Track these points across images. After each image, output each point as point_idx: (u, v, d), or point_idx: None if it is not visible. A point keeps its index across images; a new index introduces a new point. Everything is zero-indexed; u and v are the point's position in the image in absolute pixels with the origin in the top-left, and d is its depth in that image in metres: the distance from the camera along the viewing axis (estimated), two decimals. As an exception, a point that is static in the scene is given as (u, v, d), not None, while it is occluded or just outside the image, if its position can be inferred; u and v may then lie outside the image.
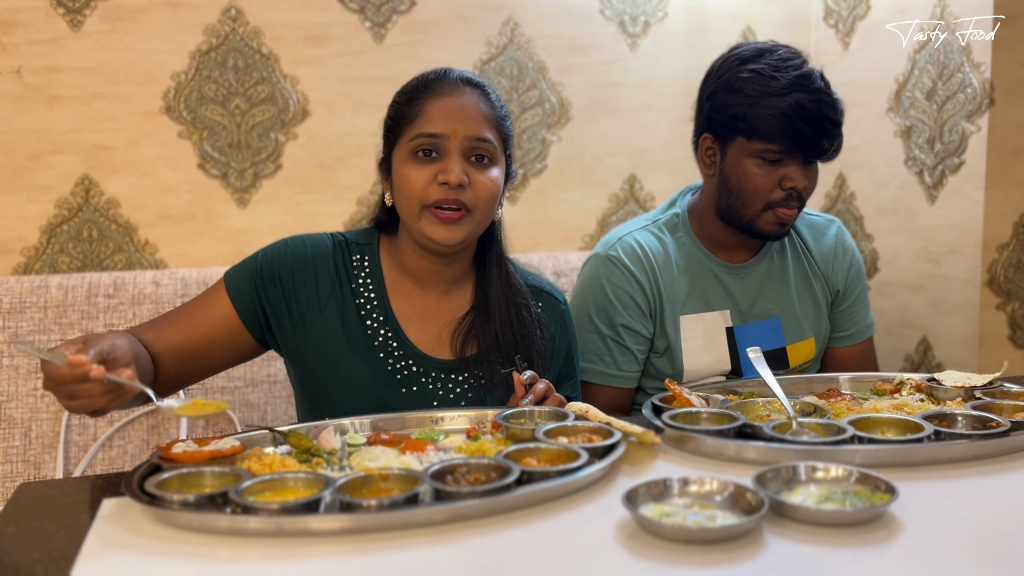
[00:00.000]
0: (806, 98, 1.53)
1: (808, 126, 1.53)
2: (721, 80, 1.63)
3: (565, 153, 2.43)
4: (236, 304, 1.35)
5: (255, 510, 0.87)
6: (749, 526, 0.84)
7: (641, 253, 1.67)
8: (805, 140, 1.55)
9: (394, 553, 0.84)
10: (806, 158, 1.58)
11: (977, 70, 2.04)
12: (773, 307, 1.71)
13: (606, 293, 1.66)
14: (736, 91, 1.59)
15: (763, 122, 1.55)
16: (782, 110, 1.53)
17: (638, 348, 1.66)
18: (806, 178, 1.59)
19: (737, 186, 1.61)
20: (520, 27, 2.34)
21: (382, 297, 1.40)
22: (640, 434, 1.10)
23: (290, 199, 2.22)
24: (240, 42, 2.14)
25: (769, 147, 1.56)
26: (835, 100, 1.57)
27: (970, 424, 1.13)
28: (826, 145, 1.57)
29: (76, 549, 0.86)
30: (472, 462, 0.98)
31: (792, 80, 1.54)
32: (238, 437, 1.11)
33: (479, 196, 1.32)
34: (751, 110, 1.56)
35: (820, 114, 1.53)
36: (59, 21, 2.03)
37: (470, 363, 1.39)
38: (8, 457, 1.82)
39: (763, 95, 1.55)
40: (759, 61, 1.59)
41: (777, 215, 1.60)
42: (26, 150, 2.04)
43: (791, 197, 1.59)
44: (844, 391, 1.40)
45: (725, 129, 1.62)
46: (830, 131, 1.55)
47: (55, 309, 1.89)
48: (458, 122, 1.31)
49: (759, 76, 1.57)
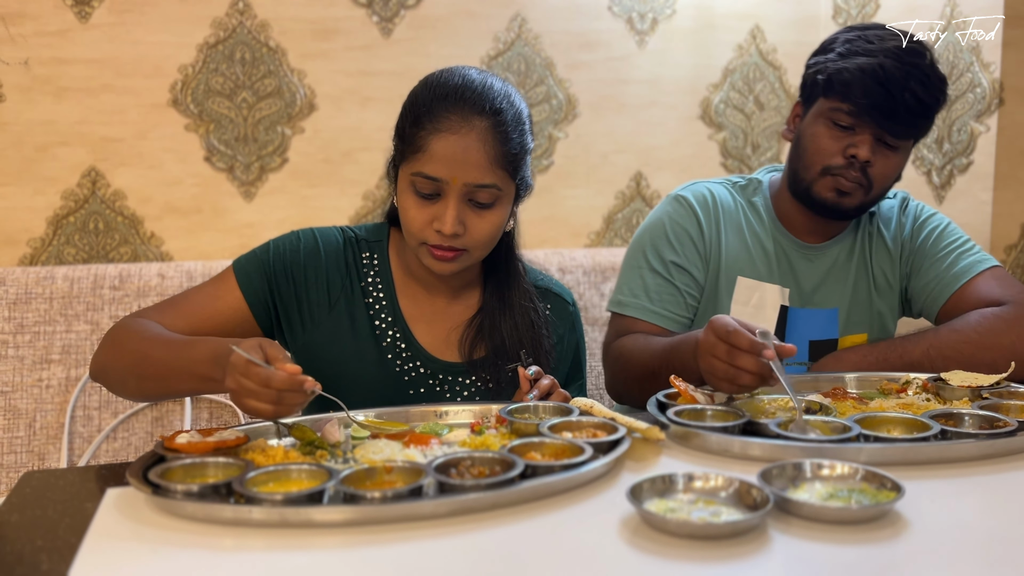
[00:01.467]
0: (893, 63, 1.44)
1: (884, 89, 1.44)
2: (825, 42, 1.57)
3: (572, 150, 2.42)
4: (247, 296, 1.34)
5: (259, 501, 0.87)
6: (754, 522, 0.84)
7: (711, 200, 1.63)
8: (877, 105, 1.45)
9: (397, 545, 0.83)
10: (879, 131, 1.48)
11: (986, 70, 2.03)
12: (835, 297, 1.64)
13: (665, 228, 1.62)
14: (829, 50, 1.53)
15: (839, 76, 1.47)
16: (862, 67, 1.44)
17: (687, 290, 1.60)
18: (875, 155, 1.49)
19: (804, 148, 1.55)
20: (528, 23, 2.34)
21: (391, 297, 1.39)
22: (645, 430, 1.10)
23: (296, 193, 2.22)
24: (248, 35, 2.14)
25: (841, 106, 1.48)
26: (932, 83, 1.47)
27: (977, 424, 1.12)
28: (903, 120, 1.46)
29: (80, 538, 0.86)
30: (476, 455, 0.98)
31: (888, 47, 1.45)
32: (242, 428, 1.11)
33: (476, 239, 1.29)
34: (834, 65, 1.49)
35: (903, 83, 1.43)
36: (67, 13, 2.03)
37: (478, 366, 1.38)
38: (13, 447, 1.82)
39: (852, 54, 1.47)
40: (870, 31, 1.52)
41: (836, 181, 1.51)
42: (34, 141, 2.04)
43: (852, 167, 1.50)
44: (850, 390, 1.39)
45: (810, 89, 1.55)
46: (909, 105, 1.45)
47: (61, 300, 1.89)
48: (459, 168, 1.24)
49: (857, 39, 1.49)
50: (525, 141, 1.32)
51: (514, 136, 1.28)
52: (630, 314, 1.59)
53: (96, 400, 1.87)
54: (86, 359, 1.88)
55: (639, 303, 1.59)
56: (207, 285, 1.36)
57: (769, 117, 2.58)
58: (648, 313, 1.58)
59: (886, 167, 1.52)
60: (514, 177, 1.31)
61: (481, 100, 1.26)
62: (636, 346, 1.53)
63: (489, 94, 1.28)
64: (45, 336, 1.87)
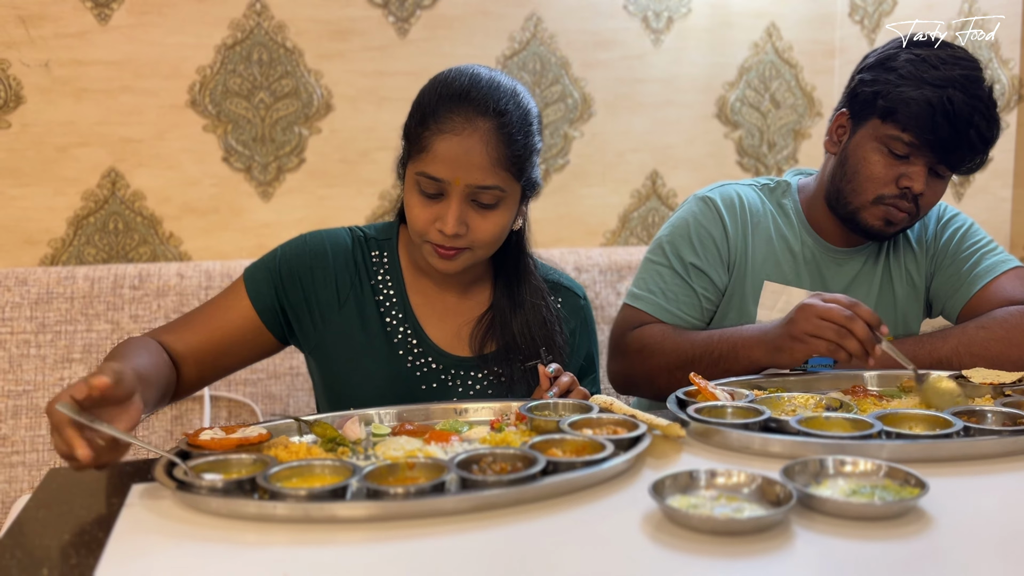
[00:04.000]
0: (961, 97, 1.40)
1: (950, 125, 1.40)
2: (880, 56, 1.51)
3: (587, 149, 2.42)
4: (256, 304, 1.35)
5: (283, 496, 0.88)
6: (777, 518, 0.84)
7: (738, 204, 1.61)
8: (941, 140, 1.42)
9: (419, 541, 0.84)
10: (935, 163, 1.45)
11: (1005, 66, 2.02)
12: (862, 299, 1.57)
13: (689, 229, 1.60)
14: (890, 69, 1.47)
15: (904, 105, 1.42)
16: (929, 99, 1.40)
17: (704, 294, 1.58)
18: (927, 186, 1.46)
19: (853, 169, 1.51)
20: (543, 22, 2.34)
21: (401, 294, 1.40)
22: (665, 427, 1.10)
23: (313, 193, 2.23)
24: (265, 36, 2.15)
25: (900, 136, 1.44)
26: (993, 116, 1.44)
27: (999, 421, 1.12)
28: (963, 155, 1.44)
29: (106, 533, 0.87)
30: (498, 452, 0.98)
31: (954, 76, 1.41)
32: (265, 425, 1.12)
33: (479, 238, 1.29)
34: (896, 90, 1.44)
35: (968, 119, 1.40)
36: (87, 15, 2.05)
37: (489, 360, 1.39)
38: (35, 446, 1.84)
39: (915, 80, 1.42)
40: (928, 49, 1.46)
41: (887, 211, 1.49)
42: (54, 142, 2.06)
43: (904, 197, 1.47)
44: (871, 388, 1.38)
45: (863, 106, 1.50)
46: (972, 142, 1.42)
47: (81, 300, 1.91)
48: (461, 169, 1.24)
49: (921, 61, 1.44)
50: (531, 142, 1.30)
51: (519, 138, 1.27)
52: (644, 308, 1.59)
53: (116, 399, 1.89)
54: (107, 358, 1.90)
55: (655, 300, 1.58)
56: (219, 298, 1.37)
57: (785, 115, 2.58)
58: (662, 311, 1.58)
59: (935, 195, 1.51)
60: (519, 178, 1.30)
61: (486, 101, 1.25)
62: (666, 336, 1.53)
63: (495, 94, 1.26)
64: (66, 335, 1.89)
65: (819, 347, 1.30)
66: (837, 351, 1.29)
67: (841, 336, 1.28)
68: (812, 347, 1.31)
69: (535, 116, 1.33)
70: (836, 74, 2.58)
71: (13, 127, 2.03)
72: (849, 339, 1.28)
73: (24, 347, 1.87)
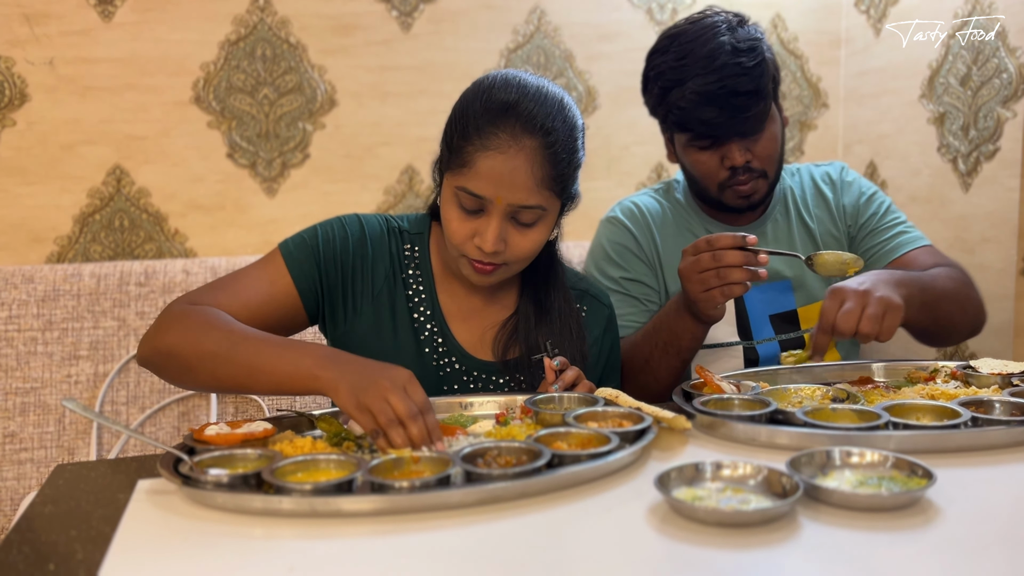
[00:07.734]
0: (705, 81, 1.49)
1: (715, 108, 1.49)
2: (644, 71, 1.64)
3: (592, 142, 2.41)
4: (297, 282, 1.32)
5: (288, 491, 0.88)
6: (784, 510, 0.84)
7: (638, 212, 1.72)
8: (718, 124, 1.51)
9: (425, 534, 0.84)
10: (734, 137, 1.54)
11: (1012, 55, 2.00)
12: (783, 269, 1.69)
13: (605, 250, 1.70)
14: (648, 90, 1.62)
15: (673, 116, 1.55)
16: (687, 100, 1.51)
17: (646, 298, 1.67)
18: (747, 150, 1.56)
19: (690, 173, 1.65)
20: (547, 15, 2.33)
21: (431, 292, 1.39)
22: (671, 420, 1.10)
23: (318, 188, 2.23)
24: (268, 32, 2.15)
25: (694, 140, 1.56)
26: (747, 68, 1.49)
27: (1007, 411, 1.11)
28: (746, 121, 1.52)
29: (113, 528, 0.87)
30: (503, 445, 0.98)
31: (695, 63, 1.50)
32: (270, 420, 1.12)
33: (516, 255, 1.28)
34: (661, 107, 1.57)
35: (723, 94, 1.48)
36: (91, 12, 2.05)
37: (511, 366, 1.38)
38: (43, 443, 1.85)
39: (669, 89, 1.54)
40: (668, 52, 1.56)
41: (736, 191, 1.60)
42: (59, 140, 2.06)
43: (738, 173, 1.57)
44: (878, 378, 1.38)
45: (665, 122, 1.63)
46: (742, 107, 1.50)
47: (88, 297, 1.91)
48: (504, 188, 1.21)
49: (669, 69, 1.54)
50: (576, 159, 1.29)
51: (564, 156, 1.24)
52: None
53: (124, 396, 1.90)
54: (114, 355, 1.90)
55: None
56: (256, 269, 1.33)
57: (791, 107, 2.56)
58: None
59: (765, 148, 1.58)
60: (561, 196, 1.29)
61: (533, 119, 1.21)
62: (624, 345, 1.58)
63: (542, 111, 1.22)
64: (73, 332, 1.90)
65: (714, 297, 1.34)
66: (731, 288, 1.33)
67: (722, 277, 1.32)
68: (710, 299, 1.35)
69: (580, 130, 1.31)
70: (842, 65, 2.57)
71: (19, 125, 2.04)
72: (730, 272, 1.32)
73: (31, 344, 1.87)
